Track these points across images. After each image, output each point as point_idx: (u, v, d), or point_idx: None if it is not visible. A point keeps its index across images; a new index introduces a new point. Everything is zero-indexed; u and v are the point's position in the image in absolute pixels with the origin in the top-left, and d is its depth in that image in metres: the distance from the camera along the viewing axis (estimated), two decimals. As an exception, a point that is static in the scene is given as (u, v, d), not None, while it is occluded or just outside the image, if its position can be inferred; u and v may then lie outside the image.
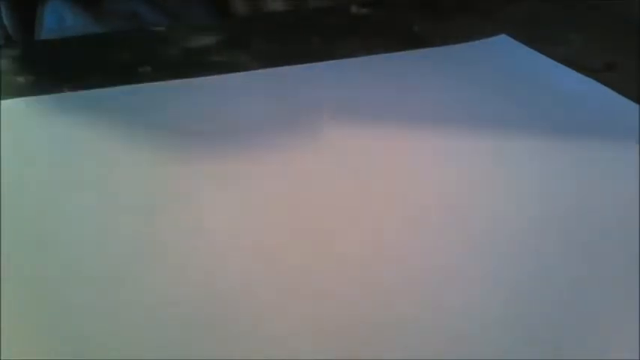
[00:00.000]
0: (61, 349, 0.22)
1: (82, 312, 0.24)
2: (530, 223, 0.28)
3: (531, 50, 0.43)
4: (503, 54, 0.42)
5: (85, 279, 0.25)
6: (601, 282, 0.25)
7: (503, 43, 0.44)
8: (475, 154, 0.33)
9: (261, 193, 0.30)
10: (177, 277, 0.25)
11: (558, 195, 0.30)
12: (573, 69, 0.40)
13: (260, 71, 0.40)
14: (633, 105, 0.36)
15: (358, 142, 0.34)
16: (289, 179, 0.31)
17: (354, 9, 0.49)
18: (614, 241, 0.27)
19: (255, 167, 0.32)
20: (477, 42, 0.44)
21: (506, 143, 0.34)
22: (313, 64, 0.41)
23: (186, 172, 0.31)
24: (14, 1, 0.56)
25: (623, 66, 0.41)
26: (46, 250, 0.27)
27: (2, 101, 0.36)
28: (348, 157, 0.32)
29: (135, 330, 0.23)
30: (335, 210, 0.29)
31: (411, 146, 0.33)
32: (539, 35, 0.45)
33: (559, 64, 0.41)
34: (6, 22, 0.57)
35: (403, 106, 0.37)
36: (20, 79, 0.39)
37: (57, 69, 0.40)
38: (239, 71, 0.40)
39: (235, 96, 0.37)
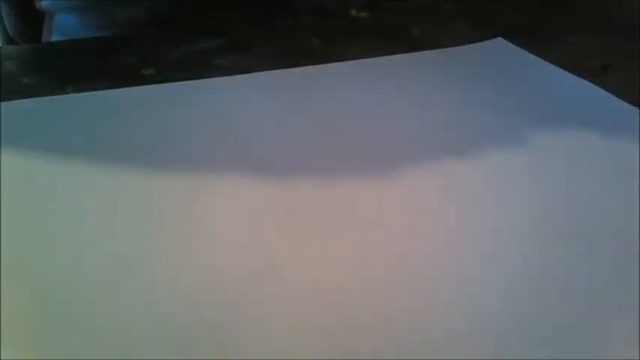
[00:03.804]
0: (62, 349, 0.23)
1: (82, 313, 0.24)
2: (530, 224, 0.29)
3: (528, 53, 0.43)
4: (500, 57, 0.43)
5: (85, 280, 0.25)
6: (601, 282, 0.26)
7: (500, 46, 0.44)
8: (473, 156, 0.33)
9: (262, 194, 0.30)
10: (177, 278, 0.26)
11: (557, 197, 0.30)
12: (570, 72, 0.40)
13: (262, 73, 0.40)
14: (632, 107, 0.37)
15: (357, 142, 0.34)
16: (290, 180, 0.31)
17: (353, 12, 0.49)
18: (614, 242, 0.28)
19: (256, 168, 0.32)
20: (474, 45, 0.44)
21: (504, 146, 0.34)
22: (313, 66, 0.41)
23: (188, 174, 0.31)
24: (16, 3, 0.56)
25: (621, 68, 0.42)
26: (46, 250, 0.27)
27: (7, 102, 0.36)
28: (348, 158, 0.33)
29: (135, 330, 0.23)
30: (334, 210, 0.29)
31: (409, 148, 0.34)
32: (535, 38, 0.45)
33: (556, 67, 0.41)
34: (7, 24, 0.58)
35: (401, 108, 0.37)
36: (25, 81, 0.39)
37: (62, 71, 0.41)
38: (241, 73, 0.40)
39: (238, 98, 0.38)
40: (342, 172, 0.32)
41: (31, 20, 0.56)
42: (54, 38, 0.54)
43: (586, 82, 0.39)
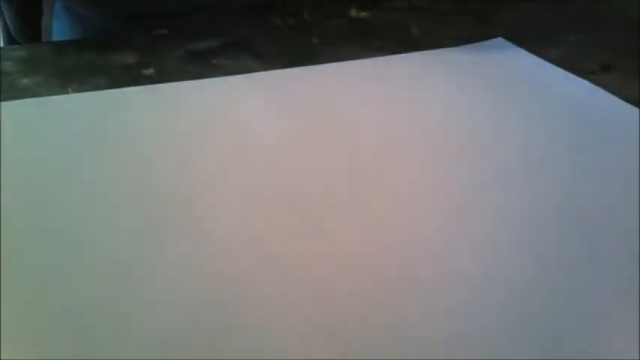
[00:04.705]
0: (62, 349, 0.23)
1: (81, 313, 0.24)
2: (531, 224, 0.29)
3: (528, 52, 0.43)
4: (499, 56, 0.43)
5: (86, 279, 0.25)
6: (601, 282, 0.26)
7: (499, 46, 0.44)
8: (473, 156, 0.33)
9: (262, 194, 0.30)
10: (177, 278, 0.26)
11: (558, 197, 0.30)
12: (570, 71, 0.40)
13: (262, 73, 0.40)
14: (632, 107, 0.37)
15: (357, 142, 0.34)
16: (290, 179, 0.31)
17: (353, 12, 0.49)
18: (614, 242, 0.28)
19: (256, 168, 0.32)
20: (473, 44, 0.44)
21: (503, 145, 0.34)
22: (313, 66, 0.41)
23: (188, 173, 0.31)
24: (17, 3, 0.56)
25: (621, 68, 0.42)
26: (47, 250, 0.27)
27: (7, 102, 0.36)
28: (347, 158, 0.33)
29: (135, 330, 0.23)
30: (335, 210, 0.29)
31: (409, 147, 0.34)
32: (535, 37, 0.45)
33: (556, 67, 0.41)
34: (9, 23, 0.58)
35: (402, 107, 0.37)
36: (25, 81, 0.39)
37: (62, 70, 0.41)
38: (241, 73, 0.40)
39: (237, 97, 0.38)
40: (342, 172, 0.32)
41: (31, 20, 0.56)
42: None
43: (586, 82, 0.39)
